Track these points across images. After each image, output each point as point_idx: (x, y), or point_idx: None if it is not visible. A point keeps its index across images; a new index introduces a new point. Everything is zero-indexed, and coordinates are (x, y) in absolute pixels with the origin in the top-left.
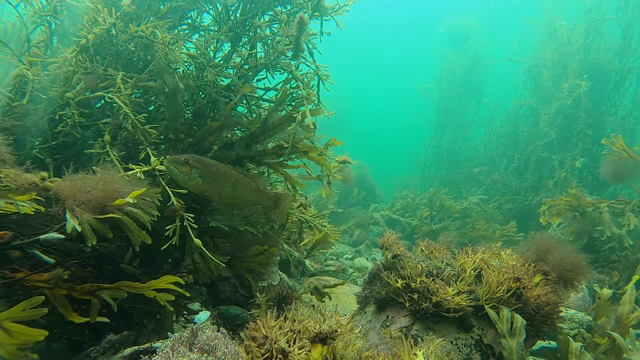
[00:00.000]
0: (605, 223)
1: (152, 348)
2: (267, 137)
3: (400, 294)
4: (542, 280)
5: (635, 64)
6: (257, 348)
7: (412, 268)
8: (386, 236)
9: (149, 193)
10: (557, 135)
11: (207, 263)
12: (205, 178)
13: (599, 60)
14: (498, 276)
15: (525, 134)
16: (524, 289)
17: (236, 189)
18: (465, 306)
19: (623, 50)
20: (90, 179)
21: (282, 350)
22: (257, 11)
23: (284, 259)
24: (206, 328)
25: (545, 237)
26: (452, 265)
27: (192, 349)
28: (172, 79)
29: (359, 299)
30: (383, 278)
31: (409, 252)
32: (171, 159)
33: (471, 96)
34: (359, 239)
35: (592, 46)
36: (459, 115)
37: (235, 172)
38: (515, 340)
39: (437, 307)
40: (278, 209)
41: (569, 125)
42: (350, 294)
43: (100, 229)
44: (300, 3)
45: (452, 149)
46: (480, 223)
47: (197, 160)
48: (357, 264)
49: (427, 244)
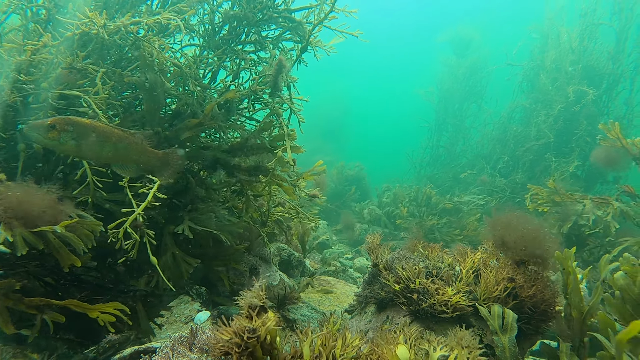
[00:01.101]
0: (588, 210)
1: (152, 348)
2: (244, 155)
3: (399, 295)
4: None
5: (628, 67)
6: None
7: (410, 269)
8: (369, 239)
9: (86, 224)
10: (553, 138)
11: (177, 264)
12: (79, 140)
13: (593, 63)
14: (496, 276)
15: (518, 135)
16: (520, 288)
17: (118, 149)
18: (465, 306)
19: (617, 54)
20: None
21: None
22: (242, 32)
23: (284, 259)
24: (206, 328)
25: (501, 216)
26: (452, 265)
27: (192, 349)
28: (153, 73)
29: (359, 299)
30: (381, 279)
31: (402, 252)
32: (32, 125)
33: (471, 101)
34: (359, 239)
35: (586, 49)
36: (460, 119)
37: (118, 131)
38: (507, 337)
39: (436, 307)
40: (168, 168)
41: (565, 128)
42: (350, 293)
43: (32, 241)
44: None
45: (452, 151)
46: (470, 220)
47: (66, 122)
48: (357, 264)
49: (425, 244)
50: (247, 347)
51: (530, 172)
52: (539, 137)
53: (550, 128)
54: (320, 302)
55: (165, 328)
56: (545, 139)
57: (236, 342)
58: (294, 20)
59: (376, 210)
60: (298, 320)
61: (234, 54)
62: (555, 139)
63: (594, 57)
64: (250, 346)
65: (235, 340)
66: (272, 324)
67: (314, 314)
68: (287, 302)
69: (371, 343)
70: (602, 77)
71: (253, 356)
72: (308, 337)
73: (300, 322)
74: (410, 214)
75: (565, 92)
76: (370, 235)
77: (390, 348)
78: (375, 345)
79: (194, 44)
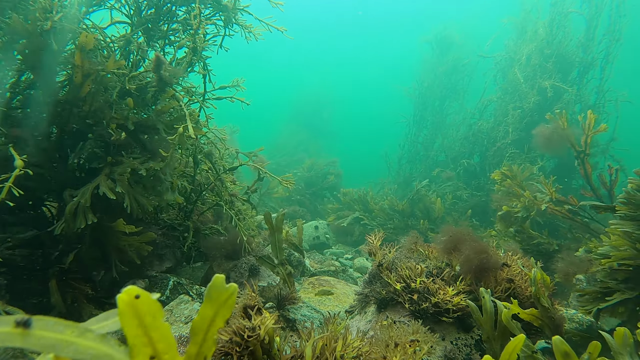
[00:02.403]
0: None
1: None
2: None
3: (400, 294)
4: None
5: (599, 55)
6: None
7: (411, 269)
8: (370, 240)
9: None
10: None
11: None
12: None
13: (563, 51)
14: (496, 276)
15: (490, 132)
16: (519, 288)
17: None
18: (465, 306)
19: (587, 42)
20: None
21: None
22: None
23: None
24: None
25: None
26: (452, 265)
27: None
28: (37, 38)
29: (359, 297)
30: (383, 278)
31: (402, 253)
32: None
33: (452, 99)
34: (359, 239)
35: (555, 38)
36: (440, 116)
37: None
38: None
39: (436, 307)
40: None
41: (534, 122)
42: (350, 293)
43: None
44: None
45: (430, 148)
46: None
47: None
48: (357, 264)
49: (425, 245)
50: (247, 346)
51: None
52: (506, 135)
53: (520, 122)
54: (320, 302)
55: None
56: (514, 136)
57: (236, 340)
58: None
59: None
60: (298, 320)
61: (161, 34)
62: (525, 135)
63: (564, 46)
64: (250, 345)
65: (236, 339)
66: (270, 323)
67: (314, 314)
68: (287, 302)
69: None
70: (572, 65)
71: (253, 356)
72: (311, 338)
73: (300, 322)
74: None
75: (537, 85)
76: (370, 237)
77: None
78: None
79: (122, 22)
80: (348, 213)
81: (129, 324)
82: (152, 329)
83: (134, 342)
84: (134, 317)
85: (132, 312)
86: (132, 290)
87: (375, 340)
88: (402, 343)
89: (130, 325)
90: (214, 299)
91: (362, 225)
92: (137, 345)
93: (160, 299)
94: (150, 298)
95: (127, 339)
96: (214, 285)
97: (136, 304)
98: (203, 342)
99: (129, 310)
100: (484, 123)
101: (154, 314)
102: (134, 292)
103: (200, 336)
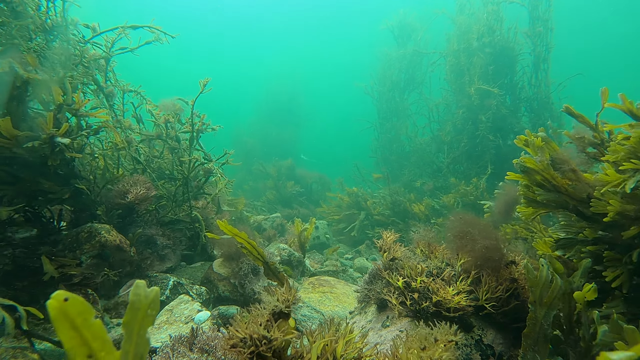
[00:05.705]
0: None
1: (153, 348)
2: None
3: (401, 293)
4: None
5: (543, 48)
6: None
7: (412, 268)
8: (384, 236)
9: None
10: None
11: None
12: None
13: (505, 44)
14: (497, 276)
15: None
16: (522, 289)
17: None
18: (466, 306)
19: (532, 34)
20: None
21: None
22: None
23: (284, 259)
24: (206, 328)
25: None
26: (453, 265)
27: (192, 349)
28: None
29: (359, 298)
30: (384, 278)
31: (409, 253)
32: None
33: (411, 89)
34: (359, 239)
35: (497, 30)
36: (402, 108)
37: None
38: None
39: (437, 306)
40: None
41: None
42: (350, 293)
43: None
44: None
45: (398, 140)
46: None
47: None
48: (357, 264)
49: (426, 244)
50: (259, 355)
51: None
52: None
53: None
54: (321, 302)
55: (165, 328)
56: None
57: (251, 348)
58: None
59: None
60: (298, 320)
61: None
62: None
63: (505, 39)
64: (262, 355)
65: (250, 344)
66: (291, 337)
67: (314, 314)
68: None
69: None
70: (514, 59)
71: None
72: (317, 341)
73: (300, 322)
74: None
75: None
76: (385, 233)
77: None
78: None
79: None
80: (346, 212)
81: (62, 327)
82: (84, 328)
83: (70, 345)
84: (65, 320)
85: (62, 316)
86: (60, 294)
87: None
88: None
89: (63, 328)
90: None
91: (362, 225)
92: (73, 347)
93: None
94: (79, 299)
95: (63, 343)
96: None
97: (65, 307)
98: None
99: (59, 315)
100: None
101: (84, 314)
102: (62, 295)
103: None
